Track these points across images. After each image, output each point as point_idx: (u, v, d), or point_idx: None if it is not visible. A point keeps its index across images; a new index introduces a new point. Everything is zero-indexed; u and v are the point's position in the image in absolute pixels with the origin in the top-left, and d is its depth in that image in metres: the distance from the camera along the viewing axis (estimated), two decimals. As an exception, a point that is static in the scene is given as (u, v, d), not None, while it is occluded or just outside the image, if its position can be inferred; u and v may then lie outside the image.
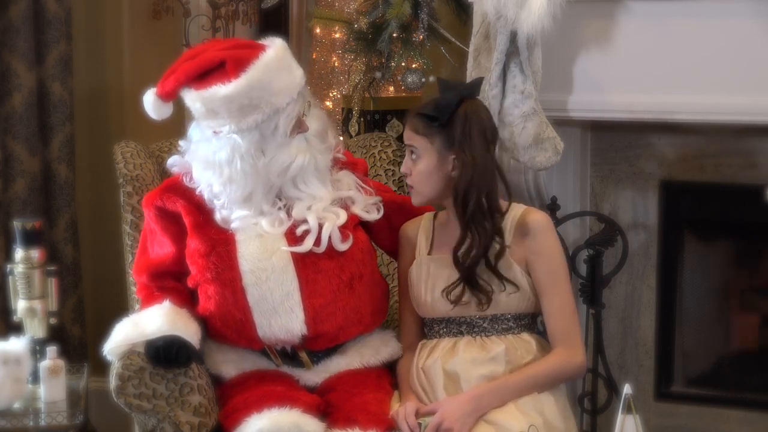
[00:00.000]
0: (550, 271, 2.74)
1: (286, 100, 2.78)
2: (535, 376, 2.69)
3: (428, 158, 2.75)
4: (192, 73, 2.79)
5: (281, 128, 2.78)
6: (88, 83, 4.07)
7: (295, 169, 2.81)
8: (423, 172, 2.76)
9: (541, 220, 2.78)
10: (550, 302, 2.74)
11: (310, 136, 2.85)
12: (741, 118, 3.18)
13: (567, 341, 2.73)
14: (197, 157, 2.85)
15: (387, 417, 2.68)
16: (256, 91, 2.74)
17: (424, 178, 2.76)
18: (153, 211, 2.88)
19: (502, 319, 2.76)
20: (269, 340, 2.79)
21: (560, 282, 2.76)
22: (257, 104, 2.75)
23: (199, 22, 3.97)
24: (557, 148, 3.18)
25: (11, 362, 3.08)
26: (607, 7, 3.24)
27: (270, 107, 2.76)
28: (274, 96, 2.76)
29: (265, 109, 2.75)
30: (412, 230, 2.91)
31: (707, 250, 3.64)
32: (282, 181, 2.81)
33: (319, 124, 2.90)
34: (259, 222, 2.79)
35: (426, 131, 2.74)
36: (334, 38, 3.80)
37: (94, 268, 4.10)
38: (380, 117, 3.65)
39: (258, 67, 2.75)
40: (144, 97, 2.85)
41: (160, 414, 2.66)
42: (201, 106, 2.79)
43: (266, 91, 2.75)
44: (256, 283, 2.75)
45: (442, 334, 2.80)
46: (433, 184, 2.76)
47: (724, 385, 3.62)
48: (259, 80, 2.74)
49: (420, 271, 2.82)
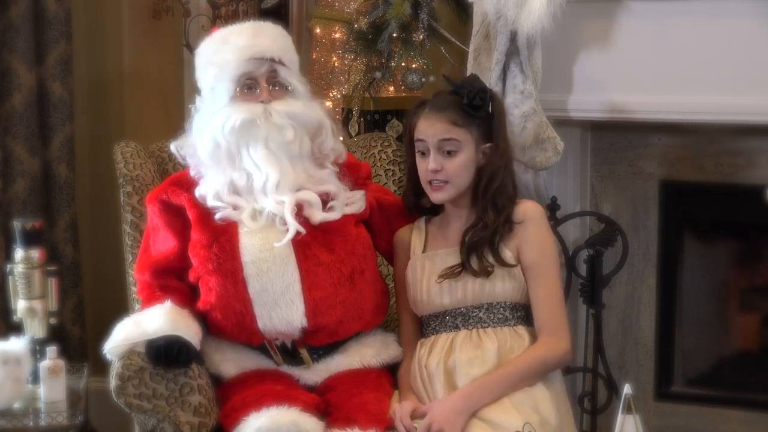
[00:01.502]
0: (538, 260, 2.74)
1: (233, 62, 2.86)
2: (522, 367, 2.68)
3: (468, 150, 2.74)
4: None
5: (226, 86, 2.86)
6: (88, 83, 4.07)
7: (236, 125, 2.81)
8: (462, 164, 2.74)
9: (532, 209, 2.79)
10: (536, 291, 2.74)
11: (273, 110, 2.84)
12: (741, 118, 3.18)
13: (552, 330, 2.72)
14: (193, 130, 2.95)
15: (386, 417, 2.68)
16: (212, 49, 2.91)
17: (463, 171, 2.75)
18: (157, 205, 2.89)
19: (498, 308, 2.76)
20: (269, 333, 2.79)
21: (548, 272, 2.75)
22: (213, 62, 2.90)
23: (199, 22, 3.97)
24: (557, 148, 3.18)
25: (11, 362, 3.09)
26: (607, 7, 3.24)
27: (217, 67, 2.88)
28: (227, 54, 2.87)
29: (214, 70, 2.88)
30: (405, 234, 2.91)
31: (707, 250, 3.64)
32: (230, 141, 2.82)
33: (303, 110, 2.89)
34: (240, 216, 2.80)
35: (465, 122, 2.72)
36: (334, 38, 3.80)
37: (94, 268, 4.10)
38: (380, 117, 3.65)
39: (228, 28, 2.94)
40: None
41: (160, 414, 2.66)
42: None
43: (220, 52, 2.89)
44: (257, 274, 2.75)
45: (439, 330, 2.80)
46: (469, 177, 2.76)
47: (724, 385, 3.62)
48: (220, 38, 2.92)
49: (415, 269, 2.83)
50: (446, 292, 2.77)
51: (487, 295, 2.75)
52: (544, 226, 2.80)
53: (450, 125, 2.73)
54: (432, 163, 2.75)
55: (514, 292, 2.76)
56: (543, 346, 2.72)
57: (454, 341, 2.76)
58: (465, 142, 2.73)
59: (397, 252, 2.93)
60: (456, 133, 2.73)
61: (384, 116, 3.66)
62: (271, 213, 2.79)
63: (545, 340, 2.72)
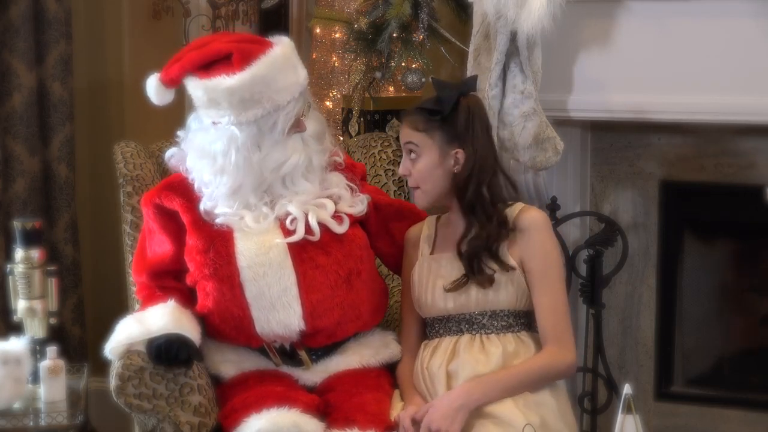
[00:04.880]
0: (542, 268, 2.74)
1: (287, 99, 2.79)
2: (525, 372, 2.68)
3: (429, 154, 2.75)
4: (198, 61, 2.81)
5: (279, 126, 2.80)
6: (88, 83, 4.07)
7: (289, 168, 2.82)
8: (424, 169, 2.76)
9: (536, 217, 2.78)
10: (541, 300, 2.74)
11: (307, 137, 2.86)
12: (741, 118, 3.18)
13: (558, 340, 2.72)
14: (193, 146, 2.87)
15: (386, 417, 2.68)
16: (258, 86, 2.75)
17: (427, 175, 2.76)
18: (151, 209, 2.88)
19: (501, 315, 2.76)
20: (267, 336, 2.79)
21: (553, 280, 2.75)
22: (259, 99, 2.76)
23: (199, 22, 3.97)
24: (557, 148, 3.18)
25: (11, 362, 3.08)
26: (607, 7, 3.24)
27: (271, 103, 2.77)
28: (276, 93, 2.77)
29: (266, 105, 2.77)
30: (416, 233, 2.91)
31: (707, 250, 3.64)
32: (274, 178, 2.82)
33: (318, 126, 2.91)
34: (244, 217, 2.80)
35: (426, 127, 2.74)
36: (334, 38, 3.80)
37: (94, 268, 4.11)
38: (380, 117, 3.65)
39: (264, 62, 2.77)
40: (147, 82, 2.88)
41: (160, 414, 2.66)
42: (203, 94, 2.81)
43: (269, 87, 2.76)
44: (254, 278, 2.75)
45: (443, 333, 2.80)
46: (436, 181, 2.76)
47: (724, 385, 3.62)
48: (263, 76, 2.76)
49: (422, 270, 2.83)
50: (450, 297, 2.77)
51: (491, 302, 2.75)
52: (549, 234, 2.79)
53: (410, 130, 2.76)
54: (400, 167, 2.81)
55: (518, 299, 2.76)
56: (547, 355, 2.71)
57: (457, 345, 2.76)
58: (424, 147, 2.74)
59: (406, 249, 2.93)
60: (415, 137, 2.75)
61: (384, 116, 3.66)
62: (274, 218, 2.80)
63: (550, 349, 2.72)
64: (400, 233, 2.96)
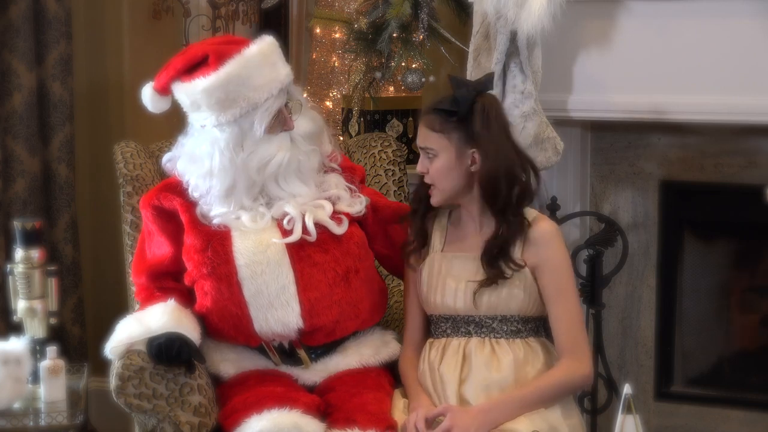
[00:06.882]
0: (557, 281, 2.73)
1: (264, 96, 2.79)
2: (543, 389, 2.68)
3: (446, 155, 2.73)
4: (181, 67, 2.83)
5: (257, 123, 2.80)
6: (88, 83, 4.07)
7: (275, 166, 2.82)
8: (441, 169, 2.73)
9: (549, 230, 2.76)
10: (556, 312, 2.73)
11: (296, 135, 2.86)
12: (741, 118, 3.18)
13: (573, 352, 2.71)
14: (184, 151, 2.89)
15: (386, 417, 2.68)
16: (232, 85, 2.76)
17: (444, 174, 2.74)
18: (150, 211, 2.89)
19: (511, 320, 2.75)
20: (266, 334, 2.79)
21: (567, 292, 2.74)
22: (234, 98, 2.77)
23: (199, 22, 3.97)
24: (557, 148, 3.18)
25: (11, 362, 3.08)
26: (607, 7, 3.24)
27: (247, 102, 2.78)
28: (253, 91, 2.78)
29: (242, 104, 2.78)
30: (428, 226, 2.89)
31: (707, 250, 3.64)
32: (263, 178, 2.82)
33: (311, 125, 2.90)
34: (240, 217, 2.80)
35: (442, 127, 2.72)
36: (334, 38, 3.80)
37: (94, 268, 4.10)
38: (380, 117, 3.66)
39: (237, 61, 2.78)
40: (143, 91, 2.90)
41: (160, 414, 2.66)
42: (186, 98, 2.84)
43: (243, 86, 2.77)
44: (251, 276, 2.75)
45: (450, 334, 2.79)
46: (453, 181, 2.74)
47: (724, 385, 3.62)
48: (237, 74, 2.76)
49: (432, 267, 2.81)
50: (460, 297, 2.76)
51: (502, 307, 2.74)
52: (561, 246, 2.78)
53: (427, 130, 2.75)
54: (418, 165, 2.78)
55: (529, 305, 2.75)
56: (564, 369, 2.71)
57: (467, 348, 2.75)
58: (441, 147, 2.73)
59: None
60: (431, 137, 2.74)
61: (384, 116, 3.66)
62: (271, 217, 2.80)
63: (567, 363, 2.71)
64: (398, 235, 2.95)
